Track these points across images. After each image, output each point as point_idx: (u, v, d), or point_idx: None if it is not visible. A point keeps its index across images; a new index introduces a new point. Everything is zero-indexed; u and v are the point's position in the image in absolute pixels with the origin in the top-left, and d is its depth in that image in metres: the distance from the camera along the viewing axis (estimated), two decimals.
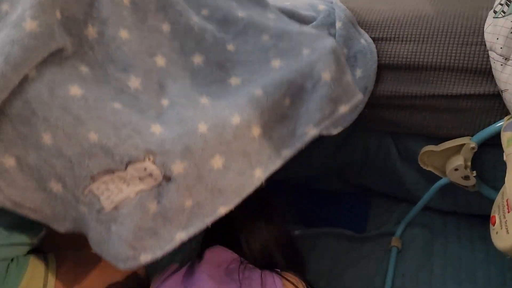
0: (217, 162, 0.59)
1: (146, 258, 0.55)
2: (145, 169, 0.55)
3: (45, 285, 0.55)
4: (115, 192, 0.53)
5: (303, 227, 1.18)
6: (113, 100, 0.57)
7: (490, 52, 0.81)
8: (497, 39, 0.78)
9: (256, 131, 0.64)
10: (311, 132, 0.69)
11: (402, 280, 1.00)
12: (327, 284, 1.04)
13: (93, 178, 0.53)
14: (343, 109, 0.72)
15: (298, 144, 0.69)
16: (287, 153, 0.68)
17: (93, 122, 0.53)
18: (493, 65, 0.81)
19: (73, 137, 0.52)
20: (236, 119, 0.61)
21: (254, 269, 0.71)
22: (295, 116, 0.70)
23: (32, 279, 0.53)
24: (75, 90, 0.53)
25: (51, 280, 0.55)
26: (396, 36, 0.93)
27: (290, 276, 0.72)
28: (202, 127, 0.59)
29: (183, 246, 0.64)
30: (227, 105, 0.64)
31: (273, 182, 0.70)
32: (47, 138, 0.51)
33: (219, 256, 0.73)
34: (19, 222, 0.56)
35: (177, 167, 0.56)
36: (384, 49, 0.93)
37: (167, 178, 0.56)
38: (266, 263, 0.76)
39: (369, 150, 1.10)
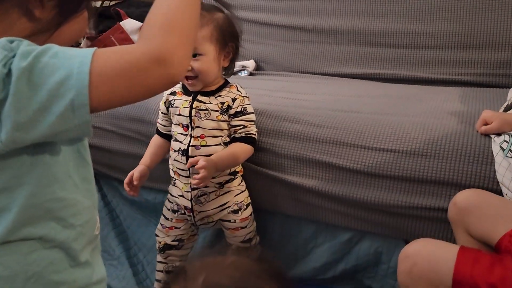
0: None
1: None
2: None
3: None
4: None
5: None
6: None
7: (501, 186, 0.85)
8: (504, 176, 0.84)
9: None
10: None
11: None
12: None
13: None
14: None
15: None
16: None
17: None
18: (505, 197, 0.85)
19: None
20: None
21: None
22: None
23: None
24: None
25: None
26: (407, 149, 0.97)
27: None
28: None
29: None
30: None
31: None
32: None
33: None
34: None
35: None
36: (396, 161, 0.97)
37: None
38: None
39: (382, 254, 1.10)
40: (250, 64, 1.73)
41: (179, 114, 1.03)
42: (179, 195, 1.06)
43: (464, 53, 1.41)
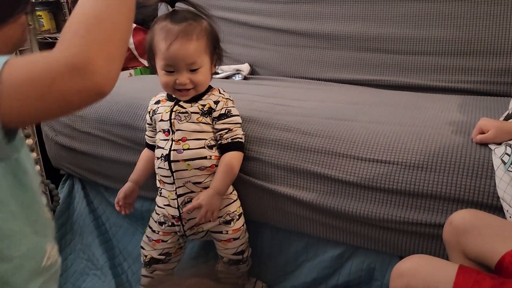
0: None
1: None
2: None
3: None
4: None
5: None
6: None
7: (502, 202, 0.81)
8: (505, 192, 0.80)
9: None
10: None
11: None
12: None
13: None
14: None
15: None
16: None
17: None
18: (506, 214, 0.80)
19: None
20: None
21: None
22: None
23: None
24: None
25: None
26: (403, 161, 0.92)
27: None
28: None
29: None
30: None
31: None
32: None
33: None
34: None
35: None
36: (391, 173, 0.92)
37: None
38: None
39: (375, 270, 1.04)
40: (245, 68, 1.69)
41: (161, 120, 1.01)
42: (165, 205, 1.02)
43: (464, 60, 1.36)
